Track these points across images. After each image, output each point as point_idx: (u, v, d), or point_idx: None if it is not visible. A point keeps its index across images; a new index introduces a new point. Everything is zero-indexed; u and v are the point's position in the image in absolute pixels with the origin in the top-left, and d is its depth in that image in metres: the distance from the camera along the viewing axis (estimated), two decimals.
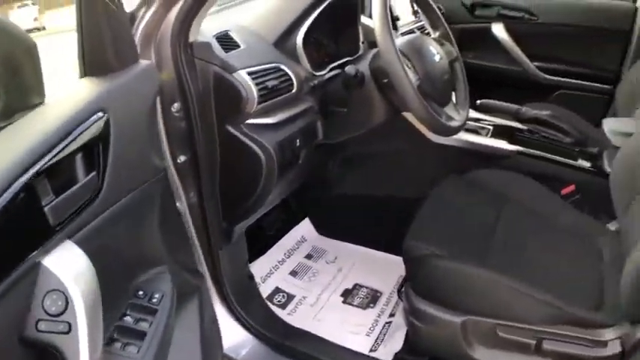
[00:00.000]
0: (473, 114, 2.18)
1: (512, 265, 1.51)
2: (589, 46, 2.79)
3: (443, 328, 1.45)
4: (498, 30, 2.85)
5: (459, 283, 1.45)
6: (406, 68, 1.43)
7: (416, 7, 2.24)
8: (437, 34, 1.80)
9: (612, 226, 1.79)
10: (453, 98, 1.74)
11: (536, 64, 2.84)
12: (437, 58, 1.61)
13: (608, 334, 1.31)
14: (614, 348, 1.29)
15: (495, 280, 1.41)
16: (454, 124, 1.60)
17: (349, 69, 1.56)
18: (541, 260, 1.56)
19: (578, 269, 1.55)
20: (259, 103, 1.33)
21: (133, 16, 1.12)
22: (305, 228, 2.42)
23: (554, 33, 2.83)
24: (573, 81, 2.82)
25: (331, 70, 1.68)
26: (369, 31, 1.92)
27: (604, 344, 1.30)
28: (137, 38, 1.13)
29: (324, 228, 2.42)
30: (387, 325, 1.94)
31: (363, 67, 1.59)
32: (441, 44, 1.73)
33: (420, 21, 2.26)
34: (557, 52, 2.85)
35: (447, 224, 1.65)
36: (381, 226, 2.24)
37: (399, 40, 1.55)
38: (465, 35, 2.77)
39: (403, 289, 1.64)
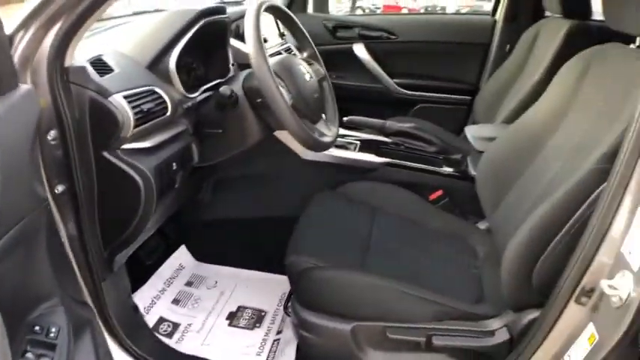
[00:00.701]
0: (340, 131, 2.25)
1: (393, 268, 1.57)
2: (449, 60, 3.00)
3: (333, 338, 1.47)
4: (359, 50, 2.99)
5: (344, 291, 1.49)
6: (280, 87, 1.46)
7: (282, 30, 2.29)
8: (305, 54, 1.86)
9: (482, 225, 1.92)
10: (323, 115, 1.79)
11: (396, 80, 3.00)
12: (307, 77, 1.66)
13: (494, 323, 1.41)
14: (502, 336, 1.38)
15: (379, 284, 1.47)
16: (326, 139, 1.65)
17: (224, 89, 1.56)
18: (420, 262, 1.64)
19: (456, 267, 1.65)
20: (135, 126, 1.30)
21: (10, 40, 1.07)
22: (182, 256, 2.37)
23: (414, 50, 3.03)
24: (433, 94, 3.00)
25: (204, 92, 1.68)
26: (238, 53, 1.94)
27: (492, 333, 1.39)
28: (14, 63, 1.07)
29: (202, 254, 2.38)
30: (275, 342, 1.95)
31: (236, 87, 1.60)
32: (310, 64, 1.78)
33: (286, 43, 2.31)
34: (417, 68, 3.04)
35: (324, 236, 1.69)
36: (260, 247, 2.26)
37: (270, 61, 1.58)
38: (328, 56, 2.79)
39: (289, 305, 1.66)
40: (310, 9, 3.17)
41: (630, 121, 1.03)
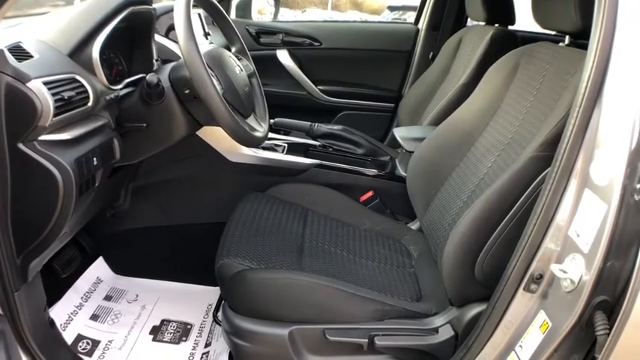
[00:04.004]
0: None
1: (329, 269, 1.53)
2: (372, 67, 3.01)
3: (270, 344, 1.40)
4: (283, 56, 2.95)
5: (280, 293, 1.41)
6: (211, 76, 1.38)
7: (207, 29, 2.22)
8: (233, 49, 1.79)
9: (413, 226, 1.91)
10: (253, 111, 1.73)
11: (320, 87, 2.98)
12: (237, 70, 1.60)
13: (437, 320, 1.38)
14: (447, 332, 1.35)
15: (316, 285, 1.40)
16: (258, 134, 1.58)
17: (150, 77, 1.46)
18: (356, 262, 1.60)
19: (392, 267, 1.61)
20: (55, 115, 1.18)
21: None
22: (100, 268, 2.22)
23: (338, 57, 3.02)
24: (357, 102, 3.01)
25: (127, 86, 1.57)
26: (163, 50, 1.85)
27: (435, 331, 1.36)
28: None
29: (121, 266, 2.24)
30: (204, 355, 1.85)
31: (163, 78, 1.51)
32: (239, 59, 1.72)
33: (212, 43, 2.24)
34: (341, 75, 3.03)
35: (256, 239, 1.62)
36: (183, 257, 2.16)
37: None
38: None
39: (219, 313, 1.56)
40: (233, 15, 3.11)
41: (572, 106, 1.03)
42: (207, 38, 2.19)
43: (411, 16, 3.27)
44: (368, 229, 1.84)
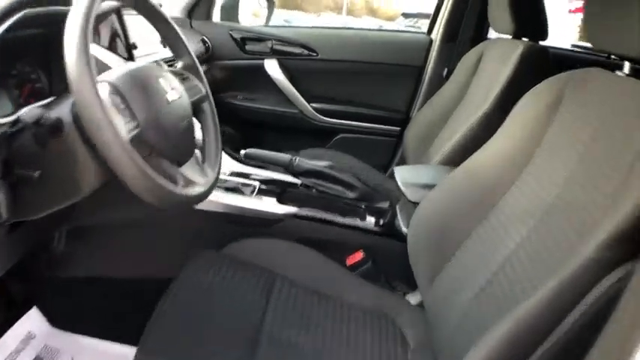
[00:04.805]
0: (236, 167, 1.90)
1: None
2: (376, 84, 2.71)
3: None
4: (271, 67, 2.64)
5: None
6: (110, 110, 0.96)
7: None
8: (180, 64, 1.37)
9: (413, 299, 1.58)
10: (198, 153, 1.31)
11: (314, 105, 2.68)
12: (171, 95, 1.16)
13: None
14: None
15: None
16: (195, 191, 1.15)
17: (30, 111, 1.04)
18: (329, 358, 1.25)
19: None
20: None
21: None
22: (33, 321, 1.85)
23: (336, 70, 2.72)
24: (357, 123, 2.70)
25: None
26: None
27: None
28: None
29: (58, 319, 1.89)
30: None
31: (63, 111, 1.09)
32: (184, 78, 1.30)
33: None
34: (339, 91, 2.73)
35: (195, 325, 1.25)
36: (129, 315, 1.78)
37: (116, 73, 1.09)
38: (234, 73, 2.56)
39: None
40: (217, 18, 2.80)
41: None
42: (165, 46, 1.80)
43: (425, 24, 2.94)
44: (353, 305, 1.46)
